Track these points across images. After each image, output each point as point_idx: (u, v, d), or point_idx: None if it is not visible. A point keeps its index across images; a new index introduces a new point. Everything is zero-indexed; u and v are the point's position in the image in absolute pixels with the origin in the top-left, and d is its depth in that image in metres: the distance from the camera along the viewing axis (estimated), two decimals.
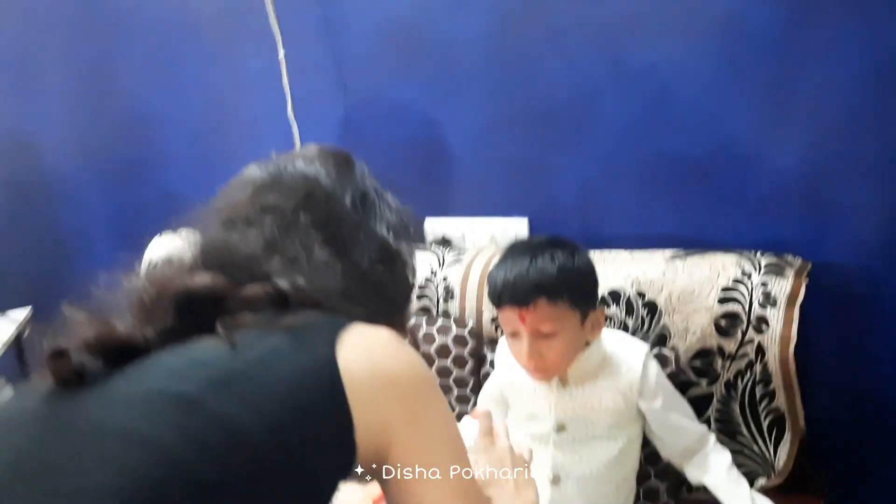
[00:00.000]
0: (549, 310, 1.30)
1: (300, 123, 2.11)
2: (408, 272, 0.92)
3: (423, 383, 0.78)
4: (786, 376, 1.42)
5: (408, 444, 0.75)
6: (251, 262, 0.80)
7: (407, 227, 0.94)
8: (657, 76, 1.65)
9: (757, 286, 1.45)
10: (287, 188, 0.86)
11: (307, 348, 0.73)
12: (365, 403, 0.72)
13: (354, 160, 0.94)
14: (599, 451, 1.41)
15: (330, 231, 0.85)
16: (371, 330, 0.77)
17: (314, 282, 0.80)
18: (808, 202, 1.57)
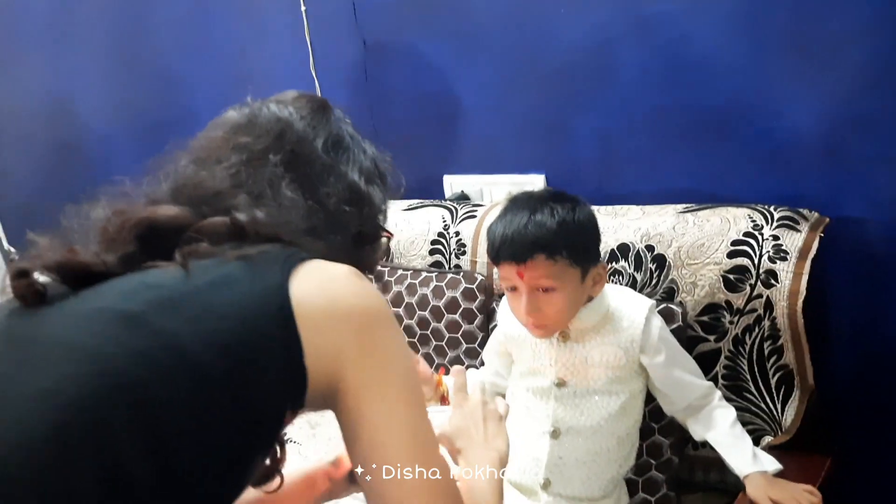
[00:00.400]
0: (548, 266, 1.28)
1: (321, 78, 2.13)
2: (377, 215, 0.93)
3: (377, 315, 0.79)
4: (794, 332, 1.38)
5: (359, 373, 0.76)
6: (217, 197, 0.83)
7: (381, 174, 0.96)
8: (673, 26, 1.60)
9: (768, 239, 1.41)
10: (260, 129, 0.88)
11: (259, 275, 0.75)
12: (315, 330, 0.74)
13: (331, 106, 0.96)
14: (600, 406, 1.40)
15: (299, 171, 0.87)
16: (330, 265, 0.79)
17: (277, 217, 0.82)
18: (827, 155, 1.52)
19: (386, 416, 0.78)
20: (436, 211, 1.84)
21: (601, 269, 1.36)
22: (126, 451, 0.66)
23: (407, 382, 0.80)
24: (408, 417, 0.79)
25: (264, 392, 0.74)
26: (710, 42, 1.58)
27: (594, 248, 1.36)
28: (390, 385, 0.78)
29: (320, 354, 0.75)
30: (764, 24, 1.51)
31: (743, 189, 1.60)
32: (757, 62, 1.54)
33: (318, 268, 0.79)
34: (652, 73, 1.66)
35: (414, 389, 0.81)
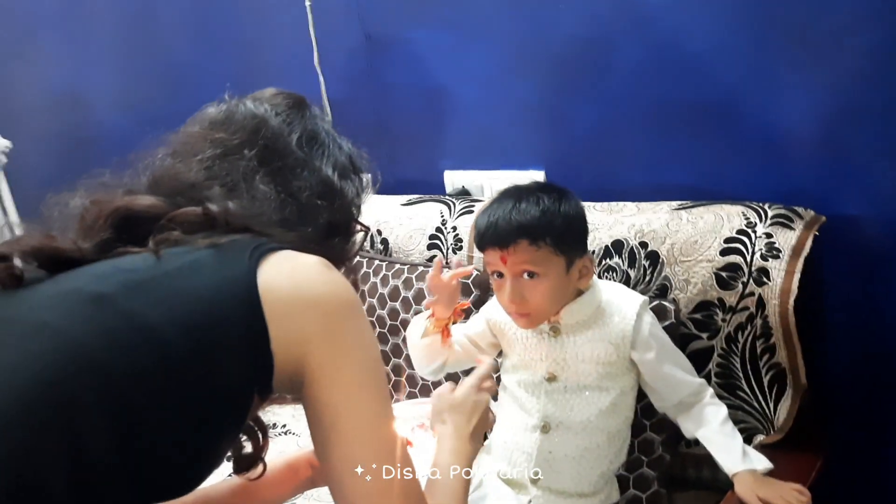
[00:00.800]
0: (531, 252, 1.29)
1: (325, 71, 2.14)
2: (351, 209, 0.97)
3: (344, 305, 0.82)
4: (786, 330, 1.37)
5: (323, 360, 0.79)
6: (191, 189, 0.86)
7: (356, 169, 1.00)
8: (671, 17, 1.59)
9: (761, 237, 1.40)
10: (236, 125, 0.92)
11: (228, 262, 0.79)
12: (282, 317, 0.77)
13: (308, 103, 0.99)
14: (591, 402, 1.40)
15: (272, 165, 0.90)
16: (300, 255, 0.83)
17: (250, 209, 0.86)
18: (826, 151, 1.50)
19: (346, 404, 0.80)
20: (434, 206, 1.84)
21: (588, 262, 1.36)
22: (91, 427, 0.69)
23: (371, 373, 0.83)
24: (368, 408, 0.81)
25: (230, 375, 0.76)
26: (708, 34, 1.57)
27: (580, 239, 1.36)
28: (353, 374, 0.81)
29: (287, 341, 0.78)
30: (762, 17, 1.50)
31: (740, 185, 1.59)
32: (755, 55, 1.53)
33: (287, 257, 0.82)
34: (649, 66, 1.65)
35: (378, 381, 0.84)
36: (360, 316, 0.84)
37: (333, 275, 0.83)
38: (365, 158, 1.02)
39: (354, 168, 0.99)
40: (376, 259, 1.83)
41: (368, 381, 0.82)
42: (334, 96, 2.15)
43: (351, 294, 0.84)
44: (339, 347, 0.80)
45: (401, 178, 2.10)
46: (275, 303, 0.77)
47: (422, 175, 2.07)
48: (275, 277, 0.79)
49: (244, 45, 2.31)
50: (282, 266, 0.80)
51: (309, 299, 0.79)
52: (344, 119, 2.16)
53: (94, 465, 0.69)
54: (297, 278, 0.80)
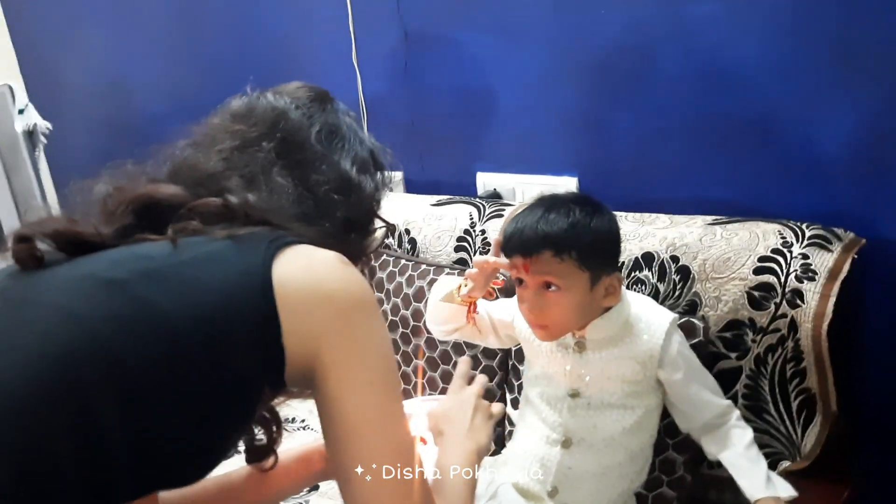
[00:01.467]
0: (554, 264, 1.26)
1: (362, 68, 2.13)
2: (370, 205, 0.96)
3: (359, 303, 0.81)
4: (818, 355, 1.32)
5: (335, 357, 0.78)
6: (211, 179, 0.87)
7: (378, 165, 0.98)
8: (714, 28, 1.55)
9: (797, 258, 1.36)
10: (256, 117, 0.92)
11: (245, 254, 0.79)
12: (296, 311, 0.77)
13: (332, 98, 0.99)
14: (614, 420, 1.37)
15: (291, 158, 0.90)
16: (316, 249, 0.82)
17: (268, 202, 0.86)
18: (869, 172, 1.45)
19: (356, 402, 0.80)
20: (464, 208, 1.82)
21: (616, 281, 1.32)
22: (101, 410, 0.70)
23: (382, 371, 0.82)
24: (379, 406, 0.81)
25: (241, 366, 0.76)
26: (752, 47, 1.52)
27: (609, 256, 1.32)
28: (365, 372, 0.80)
29: (300, 335, 0.77)
30: (810, 32, 1.45)
31: (778, 202, 1.54)
32: (799, 70, 1.48)
33: (304, 251, 0.81)
34: (691, 76, 1.61)
35: (390, 380, 0.83)
36: (375, 314, 0.84)
37: (349, 271, 0.83)
38: (388, 154, 1.01)
39: (375, 163, 0.98)
40: (403, 258, 1.82)
41: (380, 379, 0.81)
42: (371, 93, 2.14)
43: (366, 291, 0.83)
44: (352, 344, 0.80)
45: (433, 179, 2.09)
46: (289, 297, 0.77)
47: (454, 176, 2.05)
48: (290, 271, 0.78)
49: (284, 39, 2.31)
50: (298, 260, 0.80)
51: (323, 295, 0.79)
52: (379, 117, 2.16)
53: (104, 448, 0.70)
54: (312, 273, 0.80)
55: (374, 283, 1.85)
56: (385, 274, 1.82)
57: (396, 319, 1.77)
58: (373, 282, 1.94)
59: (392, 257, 1.84)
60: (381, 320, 0.85)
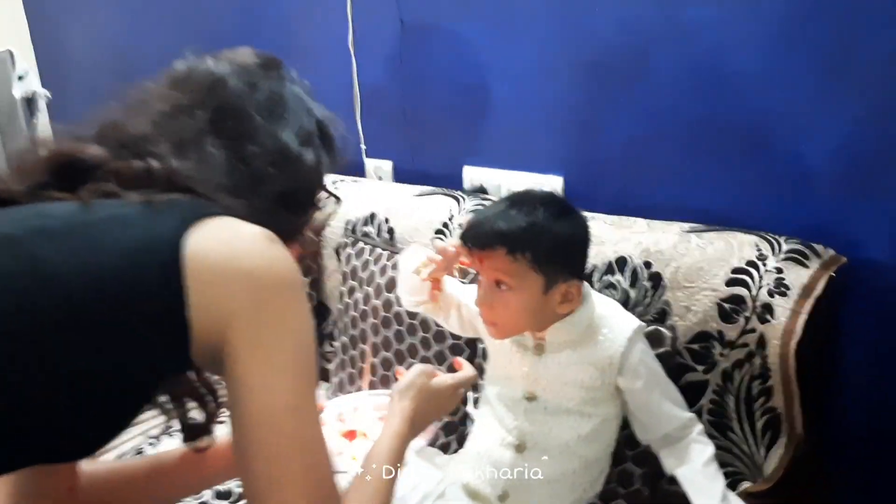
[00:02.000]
0: (507, 262, 1.22)
1: (358, 55, 2.10)
2: (311, 180, 0.92)
3: (279, 282, 0.77)
4: (785, 374, 1.27)
5: (247, 337, 0.74)
6: (137, 142, 0.83)
7: (326, 138, 0.94)
8: (712, 32, 1.50)
9: (770, 271, 1.31)
10: (193, 83, 0.89)
11: (158, 221, 0.75)
12: (208, 286, 0.73)
13: (281, 65, 0.95)
14: (570, 427, 1.32)
15: (225, 128, 0.86)
16: (242, 224, 0.78)
17: (196, 170, 0.82)
18: (857, 190, 1.39)
19: (266, 388, 0.75)
20: (444, 200, 1.79)
21: (574, 289, 1.27)
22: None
23: (297, 359, 0.77)
24: (289, 395, 0.76)
25: (138, 336, 0.73)
26: (745, 53, 1.47)
27: (569, 262, 1.27)
28: (277, 357, 0.76)
29: (209, 310, 0.74)
30: (801, 41, 1.40)
31: (764, 215, 1.48)
32: (790, 79, 1.42)
33: (226, 224, 0.78)
34: (683, 81, 1.56)
35: (303, 369, 0.78)
36: (297, 297, 0.79)
37: (275, 249, 0.78)
38: (339, 125, 0.97)
39: (323, 135, 0.93)
40: (379, 247, 1.78)
41: (293, 367, 0.77)
42: (365, 80, 2.11)
43: (290, 272, 0.79)
44: (266, 327, 0.75)
45: (421, 170, 2.06)
46: (201, 270, 0.73)
47: (442, 169, 2.01)
48: (207, 243, 0.75)
49: (283, 19, 2.28)
50: (219, 232, 0.77)
51: (240, 271, 0.75)
52: (372, 105, 2.13)
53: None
54: (232, 247, 0.76)
55: (348, 270, 1.81)
56: (360, 262, 1.79)
57: (367, 309, 1.73)
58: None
59: (369, 245, 1.81)
60: (303, 305, 0.80)
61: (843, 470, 1.46)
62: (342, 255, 1.85)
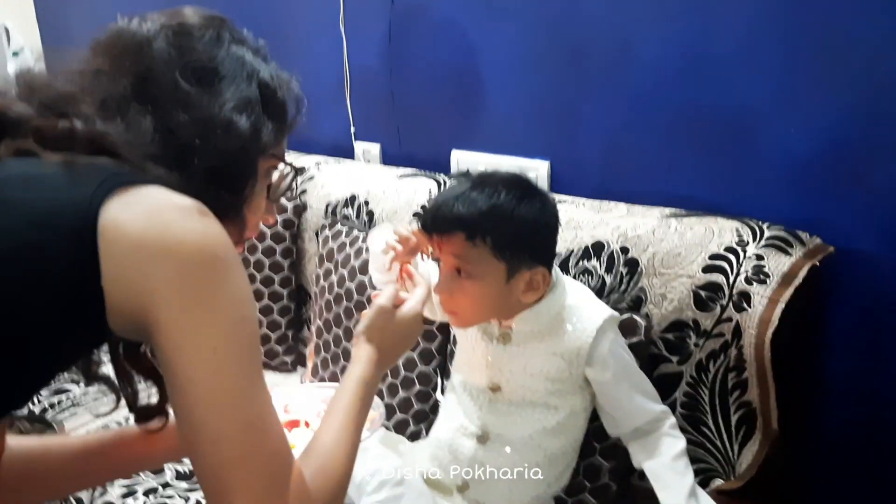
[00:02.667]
0: (466, 248, 1.16)
1: (349, 34, 2.06)
2: (244, 150, 0.83)
3: (208, 259, 0.71)
4: (760, 366, 1.21)
5: (175, 317, 0.70)
6: (62, 100, 0.78)
7: (271, 104, 0.86)
8: (696, 15, 1.43)
9: (750, 258, 1.24)
10: (119, 46, 0.82)
11: (75, 185, 0.71)
12: (124, 258, 0.69)
13: (223, 26, 0.87)
14: (535, 419, 1.27)
15: (149, 94, 0.80)
16: (170, 194, 0.73)
17: (123, 135, 0.77)
18: (846, 179, 1.32)
19: (197, 369, 0.71)
20: (425, 182, 1.73)
21: (539, 276, 1.20)
22: None
23: (232, 337, 0.72)
24: (225, 375, 0.72)
25: (46, 302, 0.69)
26: (731, 38, 1.40)
27: (533, 248, 1.20)
28: (208, 337, 0.71)
29: (127, 283, 0.70)
30: (796, 30, 1.33)
31: (750, 203, 1.42)
32: (782, 69, 1.36)
33: (152, 193, 0.73)
34: (668, 65, 1.50)
35: (241, 346, 0.73)
36: (228, 272, 0.73)
37: (205, 222, 0.73)
38: (294, 89, 0.90)
39: (267, 102, 0.85)
40: (356, 230, 1.73)
41: (227, 346, 0.72)
42: (355, 59, 2.07)
43: (220, 246, 0.73)
44: (195, 305, 0.70)
45: (409, 153, 2.01)
46: (117, 241, 0.69)
47: (430, 153, 1.96)
48: (126, 212, 0.70)
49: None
50: (142, 201, 0.71)
51: (162, 244, 0.70)
52: (362, 86, 2.08)
53: None
54: (154, 219, 0.70)
55: (325, 252, 1.77)
56: (336, 244, 1.74)
57: (341, 292, 1.68)
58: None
59: (346, 227, 1.76)
60: (237, 280, 0.74)
61: (820, 468, 1.39)
62: (320, 237, 1.80)
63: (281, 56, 2.26)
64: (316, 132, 2.16)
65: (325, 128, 2.18)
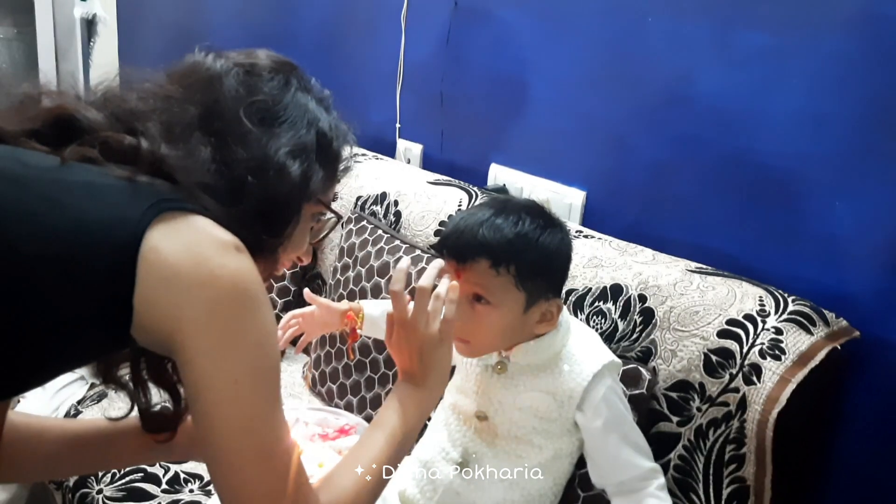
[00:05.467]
0: (489, 276, 1.12)
1: (409, 31, 2.03)
2: (291, 193, 0.86)
3: (237, 295, 0.75)
4: (760, 444, 1.15)
5: (201, 347, 0.74)
6: (131, 117, 0.81)
7: (325, 153, 0.88)
8: (763, 62, 1.38)
9: (768, 330, 1.19)
10: (192, 77, 0.86)
11: (129, 201, 0.74)
12: (159, 282, 0.72)
13: (293, 72, 0.90)
14: (517, 455, 1.22)
15: (213, 127, 0.82)
16: (213, 227, 0.76)
17: (182, 160, 0.79)
18: (890, 264, 1.25)
19: (219, 398, 0.75)
20: (456, 192, 1.70)
21: (555, 308, 1.17)
22: None
23: (253, 370, 0.76)
24: (243, 405, 0.76)
25: (75, 304, 0.72)
26: (796, 96, 1.34)
27: (552, 280, 1.17)
28: (231, 368, 0.75)
29: (159, 306, 0.73)
30: (859, 89, 1.27)
31: (779, 270, 1.37)
32: (839, 135, 1.29)
33: (196, 224, 0.76)
34: (725, 110, 1.44)
35: (261, 379, 0.77)
36: (256, 308, 0.76)
37: (239, 259, 0.75)
38: (350, 142, 0.94)
39: (322, 150, 0.87)
40: (380, 229, 1.71)
41: (248, 378, 0.76)
42: (410, 56, 2.04)
43: (252, 284, 0.75)
44: (221, 337, 0.74)
45: (449, 159, 1.99)
46: (157, 264, 0.72)
47: (469, 161, 1.93)
48: (168, 239, 0.73)
49: None
50: (184, 231, 0.74)
51: (197, 277, 0.73)
52: (413, 83, 2.06)
53: None
54: (193, 250, 0.73)
55: (346, 246, 1.75)
56: (359, 240, 1.72)
57: (356, 289, 1.67)
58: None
59: (371, 225, 1.74)
60: (263, 317, 0.77)
61: None
62: (345, 229, 1.79)
63: (339, 42, 2.26)
64: (362, 123, 2.13)
65: (371, 120, 2.16)
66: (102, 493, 1.40)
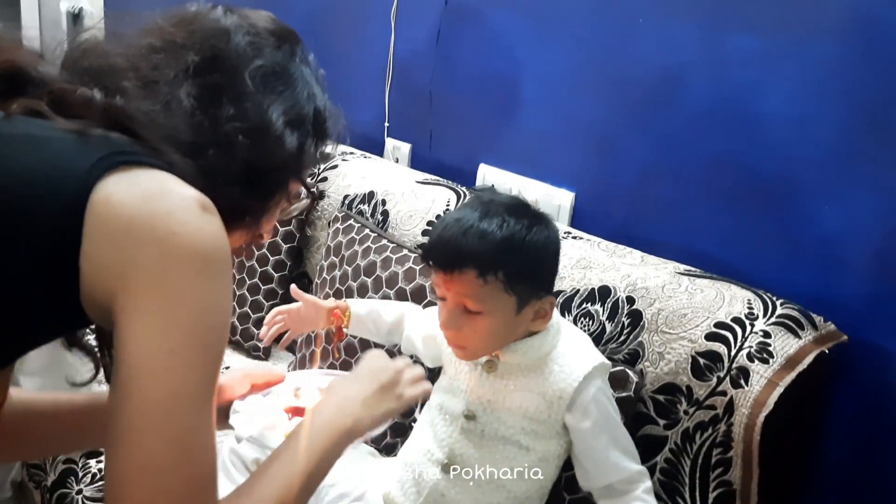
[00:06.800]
0: (477, 286, 1.10)
1: (398, 28, 2.02)
2: (282, 163, 0.81)
3: (195, 256, 0.66)
4: (747, 448, 1.15)
5: (144, 309, 0.65)
6: (105, 73, 0.75)
7: (318, 128, 0.85)
8: (752, 65, 1.37)
9: (756, 333, 1.18)
10: (196, 25, 0.81)
11: (77, 155, 0.67)
12: (107, 238, 0.65)
13: (297, 43, 0.86)
14: (504, 457, 1.21)
15: (210, 80, 0.77)
16: (176, 183, 0.69)
17: (153, 114, 0.74)
18: (881, 269, 1.25)
19: (146, 365, 0.65)
20: (444, 192, 1.69)
21: (547, 304, 1.16)
22: None
23: (195, 342, 0.66)
24: (173, 380, 0.65)
25: (20, 269, 0.65)
26: (783, 96, 1.34)
27: (543, 278, 1.16)
28: (170, 335, 0.65)
29: (105, 264, 0.65)
30: (845, 93, 1.27)
31: (767, 273, 1.36)
32: (829, 134, 1.29)
33: (155, 177, 0.69)
34: (715, 113, 1.44)
35: (201, 355, 0.67)
36: (214, 275, 0.68)
37: (205, 218, 0.68)
38: (340, 123, 0.90)
39: (316, 125, 0.84)
40: (367, 228, 1.69)
41: (186, 350, 0.66)
42: (400, 54, 2.03)
43: (214, 248, 0.68)
44: (167, 299, 0.65)
45: (437, 158, 1.97)
46: (106, 217, 0.65)
47: (458, 161, 1.92)
48: (122, 190, 0.66)
49: None
50: (142, 183, 0.67)
51: (151, 231, 0.65)
52: (402, 81, 2.05)
53: None
54: (150, 203, 0.66)
55: (333, 245, 1.73)
56: (346, 239, 1.71)
57: (342, 288, 1.65)
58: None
59: (358, 224, 1.72)
60: (221, 288, 0.69)
61: None
62: (331, 228, 1.77)
63: (328, 37, 2.24)
64: (350, 121, 2.12)
65: (360, 118, 2.15)
66: (82, 493, 1.38)
